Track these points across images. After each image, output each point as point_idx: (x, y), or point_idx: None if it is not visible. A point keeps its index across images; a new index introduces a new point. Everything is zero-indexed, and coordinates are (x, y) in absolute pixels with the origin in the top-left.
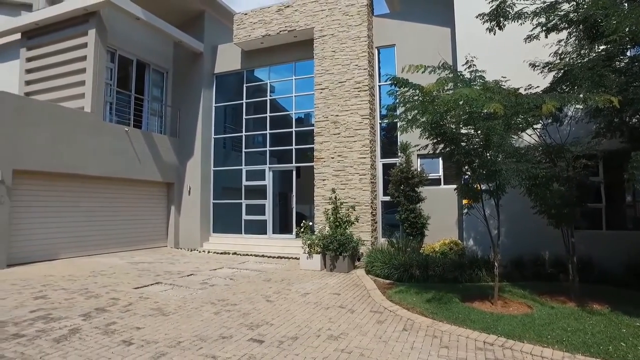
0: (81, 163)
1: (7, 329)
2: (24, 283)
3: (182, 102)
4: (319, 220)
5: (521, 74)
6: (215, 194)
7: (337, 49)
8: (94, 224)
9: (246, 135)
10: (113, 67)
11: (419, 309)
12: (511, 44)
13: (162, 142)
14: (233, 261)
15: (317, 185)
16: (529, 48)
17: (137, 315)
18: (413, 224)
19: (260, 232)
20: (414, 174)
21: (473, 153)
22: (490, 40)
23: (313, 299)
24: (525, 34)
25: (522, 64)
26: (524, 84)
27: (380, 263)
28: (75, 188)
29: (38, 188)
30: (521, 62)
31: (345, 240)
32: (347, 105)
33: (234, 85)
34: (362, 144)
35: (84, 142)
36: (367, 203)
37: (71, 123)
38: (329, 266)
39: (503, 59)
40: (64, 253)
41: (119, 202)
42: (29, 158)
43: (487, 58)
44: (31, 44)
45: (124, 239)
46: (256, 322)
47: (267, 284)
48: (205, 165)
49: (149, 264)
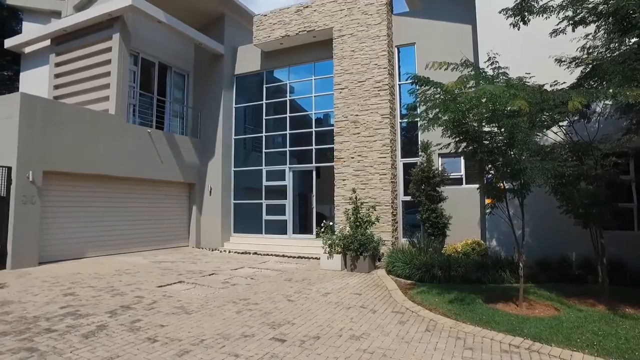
0: (106, 164)
1: (40, 323)
2: (54, 280)
3: (203, 103)
4: (339, 221)
5: (546, 70)
6: (236, 194)
7: (356, 49)
8: (118, 224)
9: (266, 136)
10: (136, 70)
11: (442, 309)
12: (535, 40)
13: (183, 143)
14: (254, 261)
15: (337, 185)
16: (553, 43)
17: (161, 313)
18: (434, 224)
19: (280, 232)
20: (435, 174)
21: (496, 151)
22: (512, 36)
23: (334, 299)
24: (550, 29)
25: (547, 60)
26: (549, 80)
27: (402, 263)
28: (100, 188)
29: (65, 189)
30: (545, 57)
31: (366, 241)
32: (367, 104)
33: (253, 86)
34: (382, 144)
35: (108, 143)
36: (388, 203)
37: (96, 125)
38: (349, 266)
39: (526, 55)
40: (90, 252)
41: (142, 202)
42: (57, 159)
43: (509, 54)
44: (60, 49)
45: (147, 238)
46: (278, 321)
47: (288, 284)
48: (226, 165)
49: (171, 263)
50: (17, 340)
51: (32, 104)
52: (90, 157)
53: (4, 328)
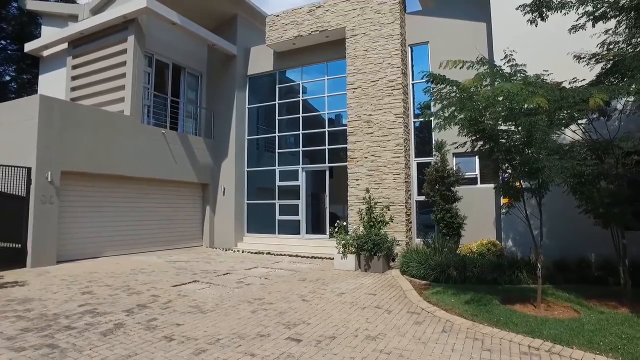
0: (121, 164)
1: (60, 321)
2: (71, 279)
3: (216, 104)
4: (352, 221)
5: (563, 67)
6: (249, 195)
7: (369, 48)
8: (133, 224)
9: (279, 136)
10: (150, 72)
11: (458, 310)
12: (552, 36)
13: (197, 144)
14: (267, 261)
15: (351, 185)
16: (572, 40)
17: (176, 312)
18: (449, 224)
19: (293, 232)
20: (449, 173)
21: (514, 150)
22: (529, 33)
23: (349, 299)
24: (568, 25)
25: (564, 57)
26: (566, 77)
27: (416, 263)
28: (116, 189)
29: (82, 189)
30: (563, 54)
31: (379, 240)
32: (380, 104)
33: (266, 86)
34: (396, 143)
35: (124, 144)
36: (402, 203)
37: (112, 126)
38: (363, 266)
39: (543, 52)
40: (106, 251)
41: (156, 202)
42: (74, 160)
43: (526, 52)
44: (76, 52)
45: (162, 238)
46: (293, 321)
47: (302, 284)
48: (239, 165)
49: (185, 263)
50: (38, 336)
51: (50, 105)
52: (106, 157)
53: (26, 324)
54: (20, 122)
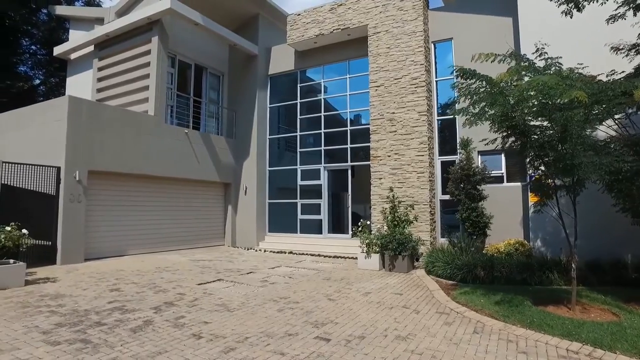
0: (145, 164)
1: (90, 317)
2: (99, 276)
3: (237, 103)
4: (375, 220)
5: (598, 59)
6: (271, 194)
7: (391, 45)
8: (157, 222)
9: (301, 135)
10: (173, 72)
11: (488, 311)
12: (586, 28)
13: (219, 143)
14: (290, 260)
15: (374, 184)
16: (608, 31)
17: (203, 310)
18: (475, 223)
19: (315, 231)
20: (475, 171)
21: (547, 146)
22: (559, 26)
23: (375, 299)
24: (604, 15)
25: (599, 49)
26: (603, 70)
27: (442, 263)
28: (140, 188)
29: (108, 188)
30: (598, 46)
31: (404, 240)
32: (403, 102)
33: (287, 85)
34: (419, 141)
35: (148, 143)
36: (426, 202)
37: (137, 126)
38: (387, 266)
39: (576, 45)
40: (131, 250)
41: (179, 201)
42: (100, 159)
43: (557, 45)
44: (102, 54)
45: (184, 237)
46: (320, 320)
47: (326, 283)
48: (260, 165)
49: (209, 262)
50: (71, 331)
51: (78, 106)
52: (130, 157)
53: (59, 319)
54: (50, 123)
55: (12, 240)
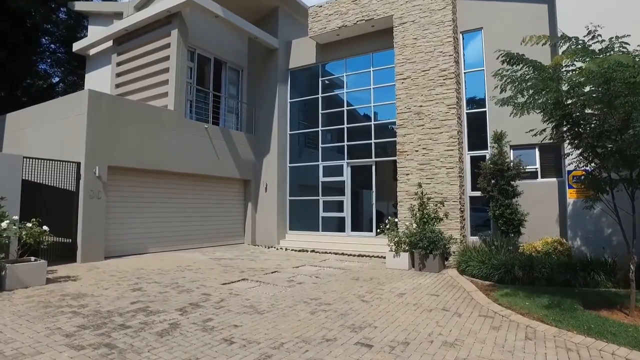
0: (165, 159)
1: (114, 319)
2: (120, 275)
3: (257, 98)
4: (402, 217)
5: None
6: (292, 191)
7: (418, 36)
8: (177, 220)
9: (322, 131)
10: (193, 66)
11: (537, 315)
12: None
13: (239, 139)
14: (313, 259)
15: (400, 180)
16: None
17: (231, 312)
18: (508, 220)
19: (338, 229)
20: (509, 166)
21: (605, 136)
22: (602, 9)
23: (411, 300)
24: None
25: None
26: None
27: (477, 262)
28: (160, 184)
29: (127, 184)
30: None
31: (436, 238)
32: (431, 94)
33: (308, 80)
34: (448, 135)
35: (167, 139)
36: (456, 198)
37: (156, 121)
38: (417, 265)
39: (624, 28)
40: (151, 247)
41: (199, 198)
42: (120, 155)
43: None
44: (121, 49)
45: (204, 235)
46: (357, 323)
47: (356, 283)
48: (281, 161)
49: (230, 260)
50: (95, 335)
51: (98, 100)
52: (150, 152)
53: (82, 321)
54: (70, 117)
55: (33, 237)
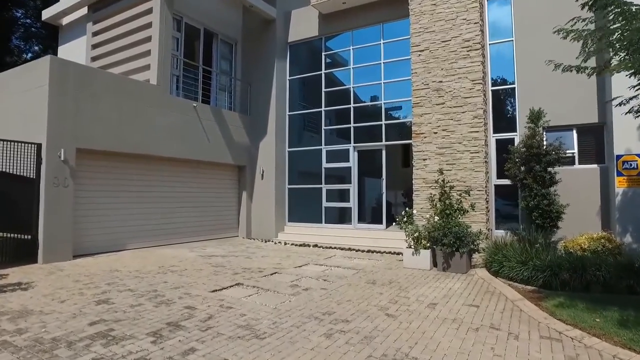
0: (147, 142)
1: (58, 352)
2: (87, 280)
3: (253, 75)
4: (419, 208)
5: None
6: (291, 179)
7: (438, 2)
8: (161, 211)
9: (326, 111)
10: (179, 37)
11: (617, 338)
12: None
13: (232, 120)
14: (317, 256)
15: (417, 166)
16: None
17: (222, 336)
18: (545, 212)
19: (343, 221)
20: (547, 150)
21: None
22: None
23: (447, 313)
24: None
25: None
26: None
27: (516, 263)
28: (141, 171)
29: (102, 170)
30: None
31: (462, 233)
32: (453, 68)
33: (310, 54)
34: (473, 115)
35: (149, 118)
36: (481, 187)
37: (136, 97)
38: (441, 264)
39: None
40: (130, 243)
41: (187, 186)
42: (92, 135)
43: None
44: (97, 17)
45: (193, 228)
46: (390, 353)
47: (373, 289)
48: (279, 145)
49: (222, 258)
50: None
51: (63, 69)
52: (129, 133)
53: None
54: (29, 90)
55: None
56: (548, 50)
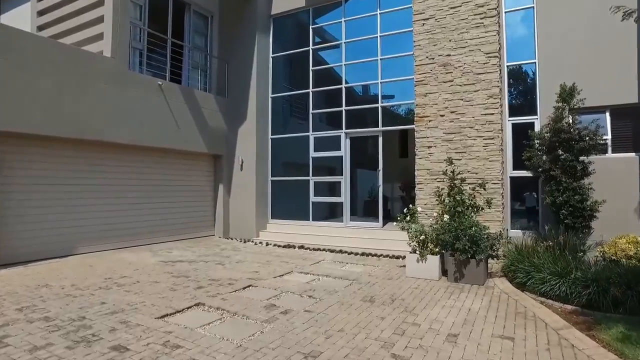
0: (99, 125)
1: None
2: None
3: (231, 52)
4: (422, 204)
5: None
6: (274, 170)
7: None
8: (121, 208)
9: (314, 93)
10: (143, 4)
11: None
12: None
13: (206, 102)
14: (303, 260)
15: (420, 155)
16: None
17: None
18: (576, 210)
19: (333, 218)
20: (581, 135)
21: None
22: None
23: (475, 352)
24: None
25: None
26: None
27: (550, 274)
28: (93, 160)
29: (39, 159)
30: None
31: (479, 236)
32: (463, 39)
33: (296, 29)
34: (487, 94)
35: (101, 96)
36: (497, 180)
37: (85, 70)
38: (452, 274)
39: None
40: (80, 247)
41: (153, 179)
42: (24, 115)
43: None
44: None
45: (160, 227)
46: None
47: (372, 310)
48: (261, 132)
49: (189, 264)
50: None
51: None
52: (74, 114)
53: None
54: None
55: None
56: (576, 19)
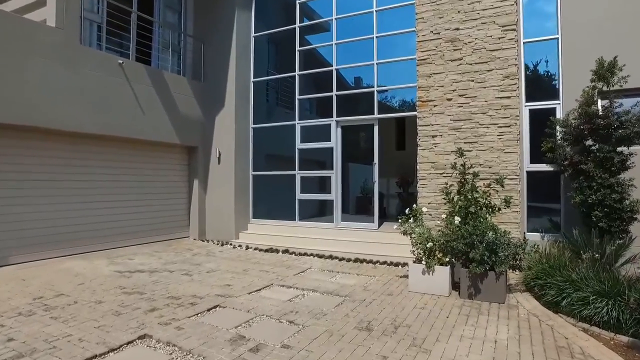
0: (43, 109)
1: None
2: None
3: (208, 31)
4: (426, 203)
5: None
6: (256, 163)
7: None
8: (73, 208)
9: (301, 76)
10: None
11: None
12: None
13: (179, 87)
14: (287, 268)
15: (423, 146)
16: None
17: None
18: (613, 211)
19: (323, 218)
20: (622, 121)
21: None
22: None
23: None
24: None
25: None
26: None
27: (593, 294)
28: (38, 151)
29: None
30: None
31: (499, 243)
32: (474, 10)
33: (281, 5)
34: (503, 75)
35: (44, 75)
36: (514, 175)
37: (25, 42)
38: (466, 289)
39: None
40: (16, 255)
41: (114, 173)
42: None
43: None
44: None
45: (125, 228)
46: None
47: (370, 344)
48: (241, 121)
49: (148, 275)
50: None
51: None
52: (11, 96)
53: None
54: None
55: None
56: None
